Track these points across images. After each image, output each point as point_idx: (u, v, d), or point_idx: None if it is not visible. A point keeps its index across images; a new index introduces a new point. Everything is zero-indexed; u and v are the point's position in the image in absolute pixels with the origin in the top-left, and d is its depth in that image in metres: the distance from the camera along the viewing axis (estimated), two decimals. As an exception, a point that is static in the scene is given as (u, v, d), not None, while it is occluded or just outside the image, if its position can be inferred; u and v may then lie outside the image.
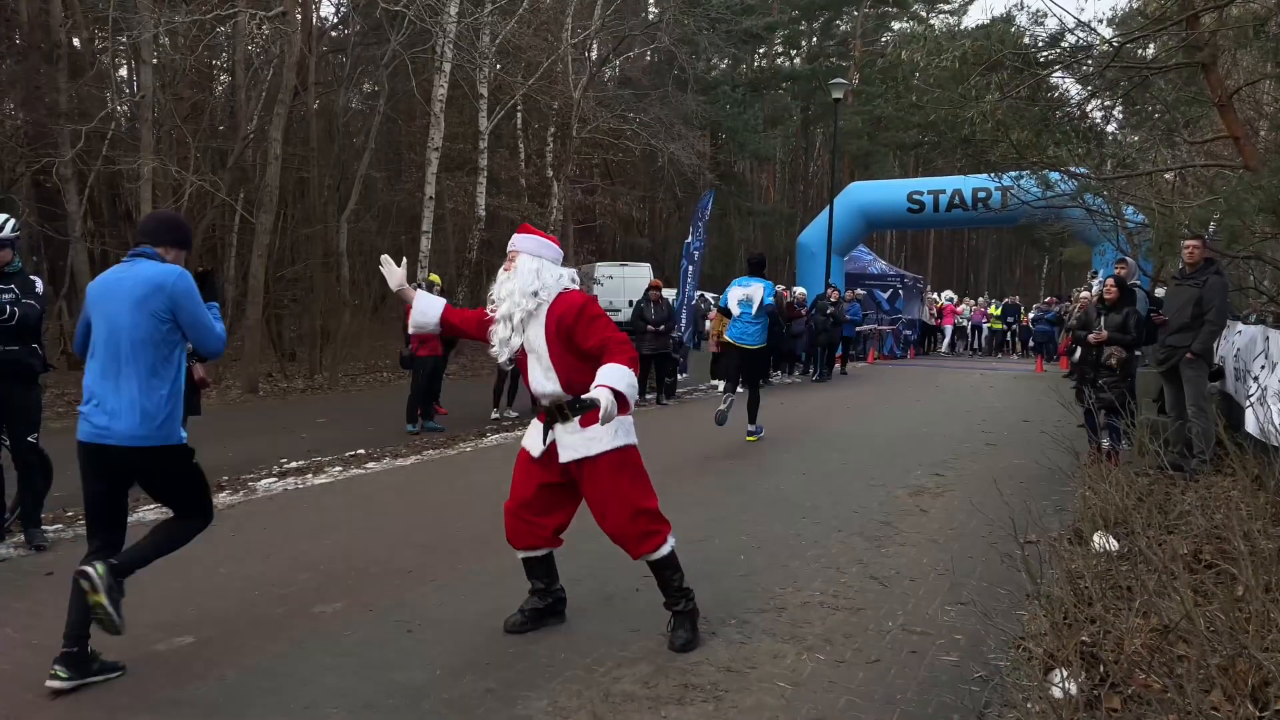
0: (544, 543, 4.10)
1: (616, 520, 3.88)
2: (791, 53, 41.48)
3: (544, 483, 4.01)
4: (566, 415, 3.89)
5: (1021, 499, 5.89)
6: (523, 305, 3.91)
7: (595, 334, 3.81)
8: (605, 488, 3.88)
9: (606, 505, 3.89)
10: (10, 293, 5.27)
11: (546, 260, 4.03)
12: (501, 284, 4.00)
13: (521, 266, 3.96)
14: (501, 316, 3.96)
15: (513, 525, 4.10)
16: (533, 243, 4.06)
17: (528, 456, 4.10)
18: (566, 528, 4.13)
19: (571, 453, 3.90)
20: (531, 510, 4.03)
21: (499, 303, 3.98)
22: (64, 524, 5.93)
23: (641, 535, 3.88)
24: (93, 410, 3.52)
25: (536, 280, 3.93)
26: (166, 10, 14.66)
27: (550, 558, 4.19)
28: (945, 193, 22.71)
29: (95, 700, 3.38)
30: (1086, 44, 9.62)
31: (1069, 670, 3.34)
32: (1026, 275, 59.47)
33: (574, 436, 3.89)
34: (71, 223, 15.23)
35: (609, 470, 3.87)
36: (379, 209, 22.02)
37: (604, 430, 3.81)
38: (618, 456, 3.89)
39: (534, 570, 4.18)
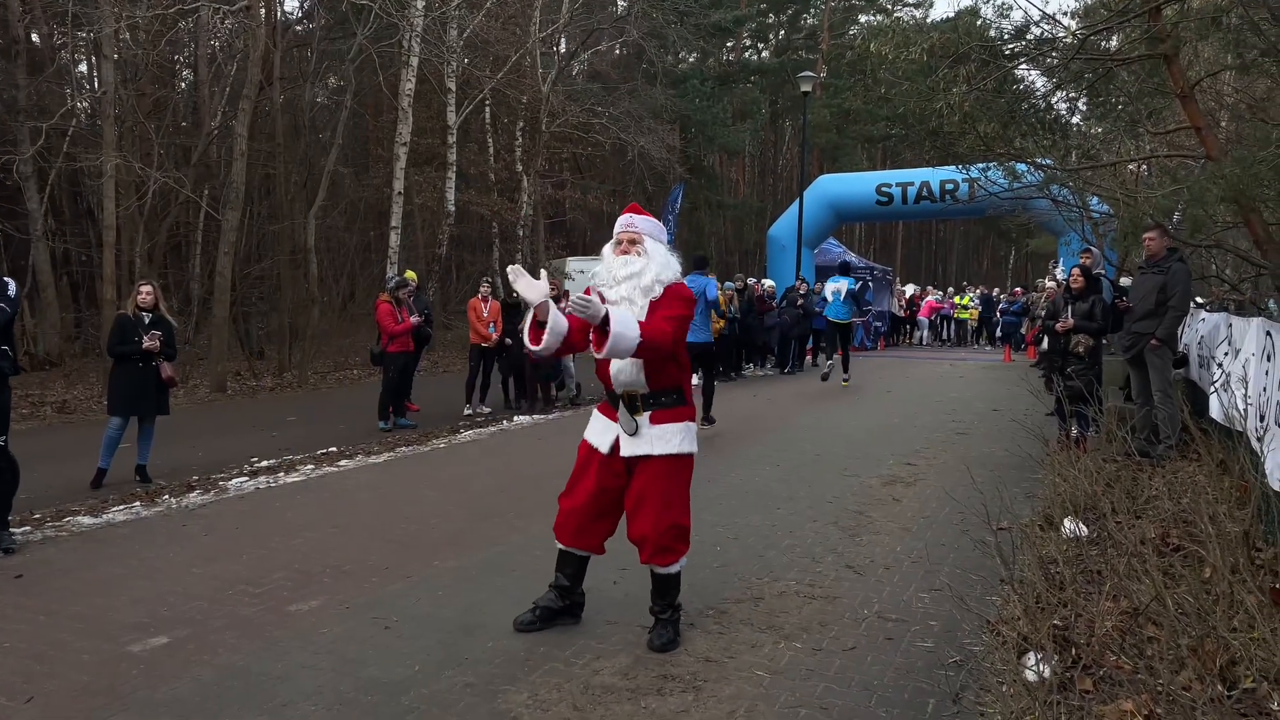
0: (591, 548, 4.04)
1: (646, 522, 3.80)
2: (760, 46, 41.57)
3: (603, 486, 3.91)
4: (638, 408, 3.83)
5: (993, 486, 5.97)
6: (653, 290, 3.80)
7: (665, 309, 3.73)
8: (652, 487, 3.80)
9: (644, 505, 3.81)
10: None
11: (666, 247, 3.96)
12: (622, 265, 3.85)
13: (653, 249, 3.86)
14: (621, 299, 3.79)
15: (566, 521, 4.00)
16: (655, 226, 3.98)
17: (591, 452, 3.99)
18: (612, 534, 4.06)
19: (635, 448, 3.83)
20: (587, 514, 3.95)
21: (616, 284, 3.83)
22: (31, 526, 5.84)
23: (664, 547, 3.82)
24: None
25: (667, 270, 3.86)
26: (128, 5, 14.42)
27: (587, 560, 4.12)
28: (913, 185, 22.85)
29: (71, 702, 3.34)
30: (1051, 36, 9.72)
31: (1042, 653, 3.39)
32: (994, 267, 60.08)
33: (644, 431, 3.83)
34: (32, 221, 14.99)
35: (663, 473, 3.81)
36: (347, 205, 21.83)
37: (674, 431, 3.80)
38: (677, 463, 3.85)
39: (567, 565, 4.09)
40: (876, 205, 23.68)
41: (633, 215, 4.00)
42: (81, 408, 11.81)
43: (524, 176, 21.61)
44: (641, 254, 3.86)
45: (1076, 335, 7.95)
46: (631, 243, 3.91)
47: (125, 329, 7.30)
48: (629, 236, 3.92)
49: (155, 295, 7.48)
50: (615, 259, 3.91)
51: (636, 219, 3.97)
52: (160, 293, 7.66)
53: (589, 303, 3.45)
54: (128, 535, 5.69)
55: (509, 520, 6.01)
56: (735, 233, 37.96)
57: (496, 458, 8.44)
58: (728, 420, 10.44)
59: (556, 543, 4.09)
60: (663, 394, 3.86)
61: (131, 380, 7.25)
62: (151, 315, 7.39)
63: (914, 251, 53.69)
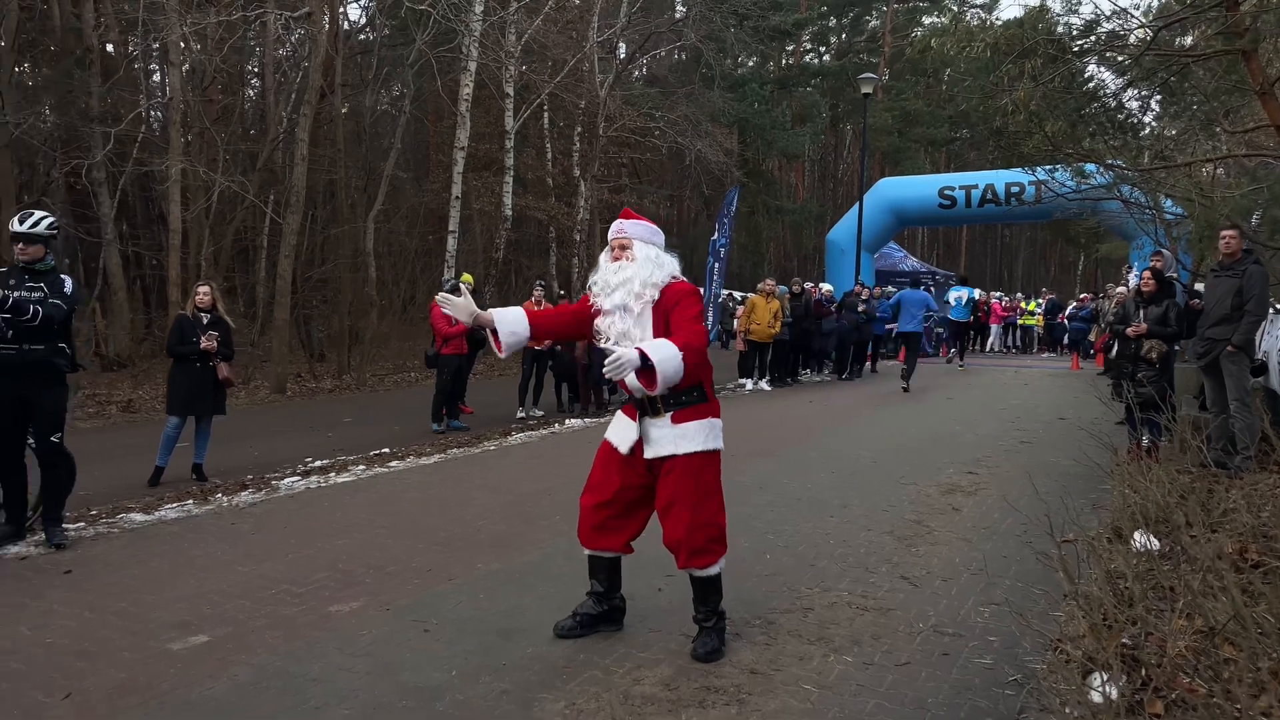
0: (616, 548, 3.93)
1: (679, 525, 3.70)
2: (820, 49, 41.18)
3: (626, 484, 3.83)
4: (659, 409, 3.74)
5: (1058, 496, 5.71)
6: (645, 295, 3.72)
7: (681, 312, 3.66)
8: (681, 489, 3.70)
9: (675, 507, 3.71)
10: (39, 291, 5.27)
11: (659, 247, 3.88)
12: (614, 272, 3.79)
13: (640, 254, 3.79)
14: (615, 307, 3.74)
15: (587, 523, 3.91)
16: (645, 229, 3.90)
17: (611, 451, 3.92)
18: (639, 535, 3.95)
19: (659, 449, 3.74)
20: (610, 512, 3.85)
21: (609, 292, 3.77)
22: (86, 522, 5.92)
23: (698, 549, 3.71)
24: None
25: (659, 270, 3.77)
26: (195, 12, 14.77)
27: (618, 562, 4.03)
28: (978, 188, 22.37)
29: (108, 701, 3.33)
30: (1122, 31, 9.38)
31: (1109, 674, 3.18)
32: (1062, 272, 58.67)
33: (664, 432, 3.74)
34: (104, 225, 15.40)
35: (690, 472, 3.71)
36: (406, 209, 22.09)
37: (696, 429, 3.71)
38: (703, 460, 3.74)
39: (598, 570, 4.00)
40: (939, 209, 23.25)
41: (622, 221, 3.92)
42: (145, 407, 12.07)
43: (581, 181, 21.63)
44: (632, 259, 3.79)
45: (1149, 341, 7.62)
46: (622, 248, 3.84)
47: (184, 329, 7.40)
48: (619, 242, 3.86)
49: (213, 296, 7.59)
50: (609, 266, 3.84)
51: (626, 224, 3.90)
52: (218, 294, 7.76)
53: (620, 358, 3.40)
54: (178, 533, 5.73)
55: (555, 524, 5.93)
56: (793, 237, 37.61)
57: (546, 461, 8.38)
58: (781, 425, 10.26)
59: (583, 548, 3.99)
60: (683, 393, 3.75)
61: (189, 380, 7.35)
62: (210, 316, 7.49)
63: (978, 257, 52.67)
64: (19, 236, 5.32)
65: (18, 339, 5.23)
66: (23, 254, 5.32)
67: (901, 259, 26.73)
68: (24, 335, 5.22)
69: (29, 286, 5.27)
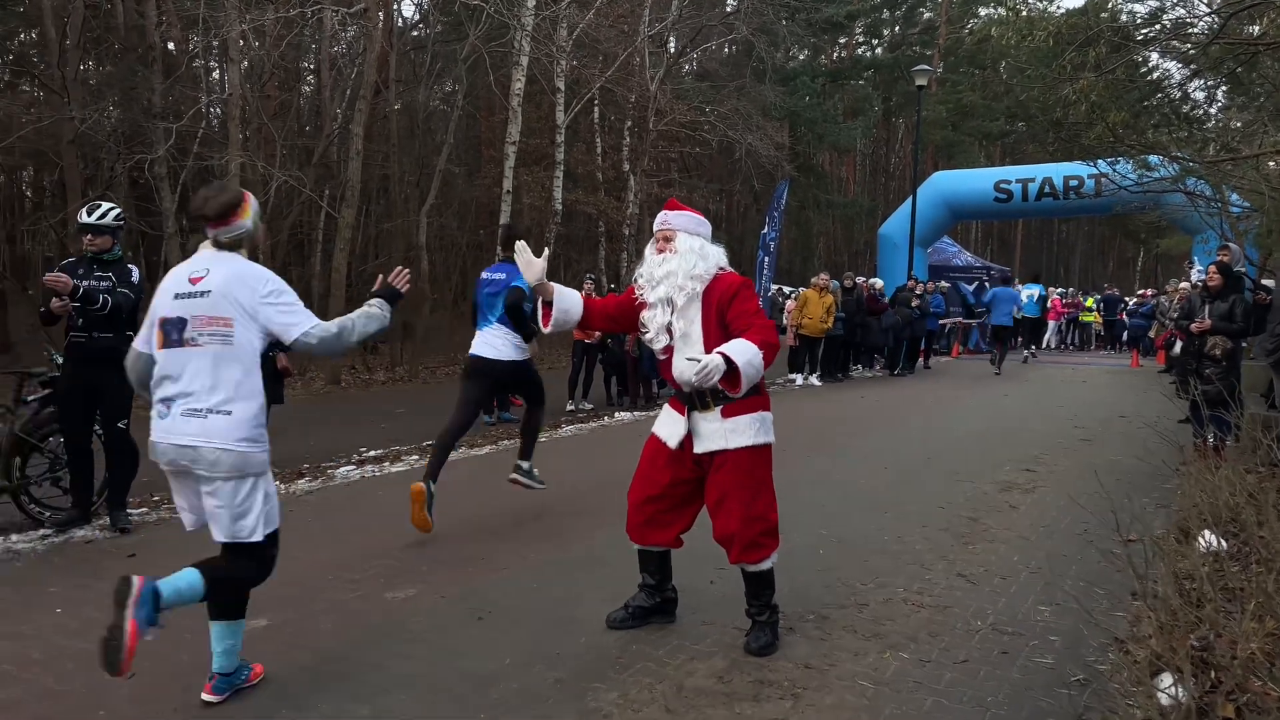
0: (666, 542, 3.90)
1: (731, 519, 3.65)
2: (873, 42, 40.68)
3: (675, 479, 3.79)
4: (708, 404, 3.69)
5: (1120, 495, 5.58)
6: (687, 288, 3.68)
7: (741, 306, 3.62)
8: (731, 483, 3.66)
9: (726, 502, 3.67)
10: (107, 280, 5.41)
11: (705, 239, 3.84)
12: (657, 265, 3.76)
13: (683, 246, 3.74)
14: (659, 300, 3.71)
15: (636, 518, 3.88)
16: (690, 220, 3.85)
17: (659, 446, 3.87)
18: (689, 529, 3.91)
19: (709, 443, 3.69)
20: (658, 507, 3.82)
21: (654, 285, 3.74)
22: (149, 508, 6.06)
23: (750, 543, 3.66)
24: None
25: (702, 261, 3.72)
26: (254, 9, 15.02)
27: (667, 555, 4.01)
28: (1035, 181, 21.93)
29: (172, 681, 3.40)
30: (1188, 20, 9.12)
31: (1178, 675, 3.09)
32: (1120, 268, 57.36)
33: (713, 425, 3.68)
34: (165, 218, 15.73)
35: (741, 467, 3.66)
36: (458, 203, 22.25)
37: (746, 423, 3.66)
38: (753, 455, 3.68)
39: (648, 564, 3.99)
40: (994, 203, 22.84)
41: (667, 212, 3.87)
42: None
43: (631, 175, 21.62)
44: (676, 251, 3.75)
45: (1214, 337, 7.41)
46: (666, 240, 3.80)
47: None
48: (664, 234, 3.82)
49: (271, 288, 7.70)
50: (653, 259, 3.81)
51: (670, 215, 3.85)
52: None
53: (707, 365, 3.36)
54: (238, 519, 5.84)
55: (605, 516, 5.93)
56: (844, 232, 37.25)
57: (596, 453, 8.40)
58: (833, 421, 10.16)
59: (631, 542, 3.97)
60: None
61: (248, 370, 7.47)
62: (268, 307, 7.60)
63: (1034, 252, 51.69)
64: (87, 227, 5.45)
65: (87, 327, 5.37)
66: (91, 244, 5.46)
67: (955, 254, 26.33)
68: (93, 323, 5.36)
69: (98, 276, 5.41)
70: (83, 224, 5.49)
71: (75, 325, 5.40)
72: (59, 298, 5.21)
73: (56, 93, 14.86)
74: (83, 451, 5.56)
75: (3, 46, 19.32)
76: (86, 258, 5.50)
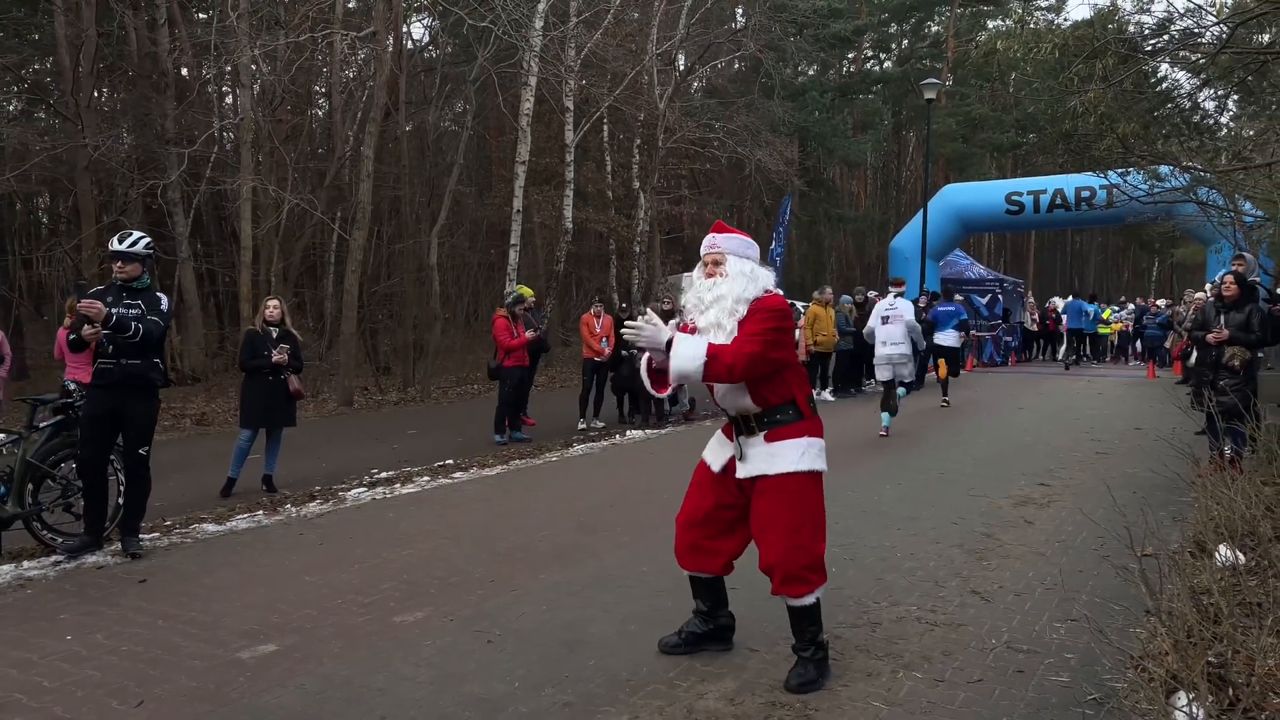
0: (713, 569, 3.81)
1: (773, 549, 3.53)
2: (881, 56, 40.70)
3: (720, 504, 3.73)
4: (753, 428, 3.64)
5: (1136, 509, 5.51)
6: (738, 312, 3.59)
7: (748, 326, 3.54)
8: (773, 510, 3.55)
9: (768, 530, 3.56)
10: (137, 308, 5.44)
11: (754, 261, 3.77)
12: (707, 289, 3.67)
13: (734, 269, 3.66)
14: (710, 325, 3.62)
15: (683, 543, 3.81)
16: (739, 243, 3.78)
17: (705, 470, 3.83)
18: (740, 555, 3.82)
19: (751, 468, 3.62)
20: (704, 532, 3.74)
21: (703, 309, 3.66)
22: (160, 532, 6.07)
23: (792, 576, 3.52)
24: None
25: (752, 285, 3.64)
26: (265, 35, 15.18)
27: (720, 581, 3.92)
28: (1046, 193, 21.87)
29: (179, 708, 3.39)
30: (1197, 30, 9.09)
31: (1195, 693, 3.04)
32: (1135, 279, 57.05)
33: (757, 450, 3.61)
34: (178, 243, 15.87)
35: (784, 493, 3.55)
36: (468, 224, 22.37)
37: (789, 448, 3.58)
38: (798, 481, 3.57)
39: (699, 591, 3.92)
40: (1006, 215, 22.78)
41: (715, 235, 3.79)
42: (218, 420, 12.38)
43: (641, 193, 21.67)
44: (726, 274, 3.67)
45: (1231, 347, 7.34)
46: (715, 264, 3.72)
47: (255, 343, 7.57)
48: (713, 257, 3.73)
49: (282, 310, 7.75)
50: (702, 282, 3.73)
51: (719, 238, 3.77)
52: (286, 308, 7.93)
53: (643, 329, 3.39)
54: (248, 543, 5.85)
55: (617, 535, 5.90)
56: (856, 246, 37.17)
57: (607, 472, 8.37)
58: (845, 436, 10.10)
59: (681, 568, 3.91)
60: (776, 411, 3.62)
61: (261, 393, 7.51)
62: (278, 329, 7.64)
63: (1047, 264, 51.50)
64: (118, 255, 5.50)
65: (116, 354, 5.40)
66: (121, 271, 5.50)
67: (968, 266, 26.21)
68: (122, 350, 5.40)
69: (127, 304, 5.45)
70: (114, 251, 5.53)
71: (104, 352, 5.44)
72: (91, 325, 5.24)
73: (70, 120, 15.05)
74: (99, 477, 5.58)
75: (18, 75, 19.57)
76: (115, 285, 5.54)
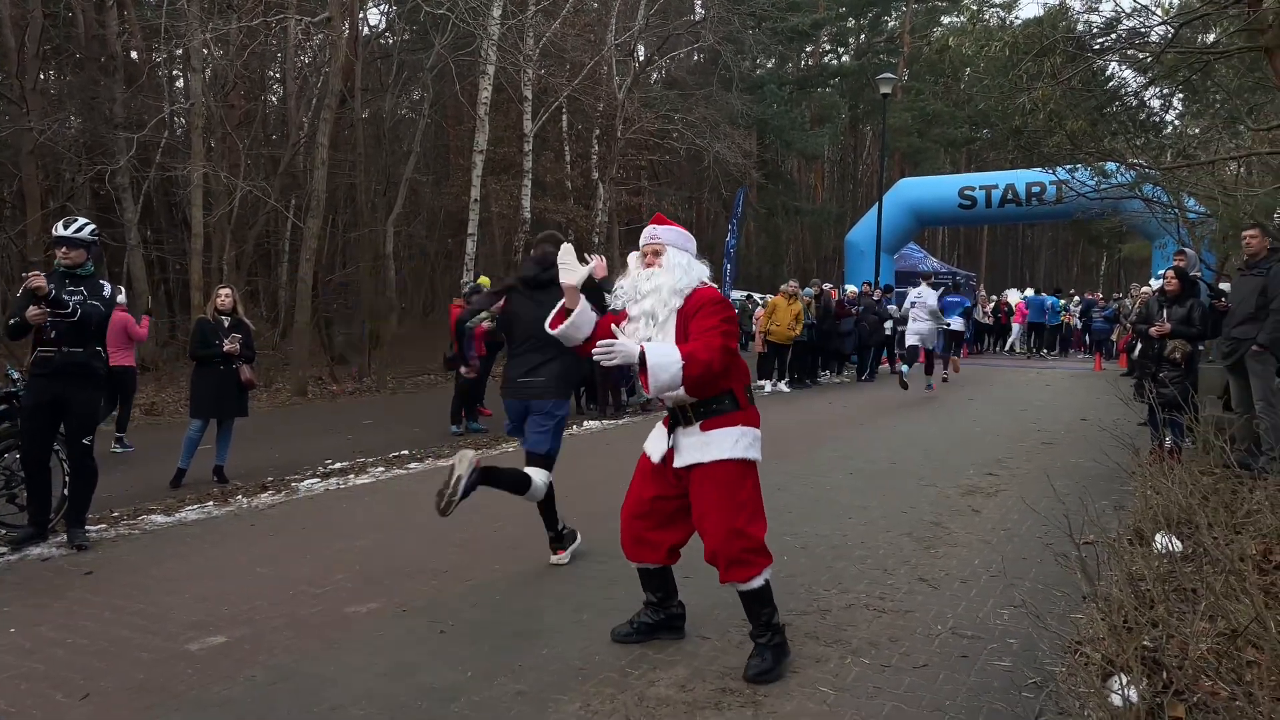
0: (657, 559, 3.84)
1: (713, 537, 3.57)
2: (839, 50, 41.03)
3: (659, 495, 3.76)
4: (689, 418, 3.66)
5: (1078, 498, 5.66)
6: (670, 303, 3.64)
7: (701, 321, 3.56)
8: (710, 498, 3.58)
9: (707, 518, 3.59)
10: (79, 294, 5.35)
11: (691, 254, 3.80)
12: (644, 279, 3.71)
13: (671, 261, 3.71)
14: (643, 314, 3.66)
15: (627, 535, 3.85)
16: (678, 235, 3.82)
17: (647, 461, 3.85)
18: (684, 544, 3.85)
19: (686, 457, 3.64)
20: (645, 524, 3.78)
21: (639, 298, 3.70)
22: (107, 524, 5.98)
23: (734, 560, 3.56)
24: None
25: (687, 276, 3.69)
26: (217, 18, 14.91)
27: (667, 572, 3.94)
28: (998, 188, 22.25)
29: (126, 701, 3.36)
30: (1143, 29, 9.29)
31: (1129, 676, 3.15)
32: (1084, 273, 58.17)
33: (692, 439, 3.64)
34: (127, 230, 15.55)
35: (719, 480, 3.58)
36: (425, 213, 22.19)
37: (723, 437, 3.60)
38: (732, 468, 3.59)
39: (648, 582, 3.94)
40: (959, 209, 23.13)
41: (655, 226, 3.84)
42: (169, 410, 12.18)
43: (600, 184, 21.64)
44: (663, 265, 3.71)
45: (1172, 341, 7.54)
46: (655, 254, 3.76)
47: (205, 333, 7.47)
48: (652, 248, 3.78)
49: (233, 299, 7.65)
50: (640, 272, 3.78)
51: (659, 229, 3.81)
52: (238, 296, 7.83)
53: (614, 346, 3.40)
54: (198, 534, 5.79)
55: (571, 525, 5.92)
56: (813, 239, 37.48)
57: (563, 463, 8.33)
58: (800, 427, 10.22)
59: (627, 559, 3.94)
60: (712, 401, 3.65)
61: (212, 383, 7.41)
62: (230, 319, 7.55)
63: (999, 258, 52.32)
64: (63, 240, 5.41)
65: (57, 341, 5.31)
66: (65, 257, 5.41)
67: (921, 259, 26.59)
68: (64, 337, 5.31)
69: (70, 290, 5.35)
70: (58, 237, 5.44)
71: (45, 339, 5.34)
72: (36, 304, 5.14)
73: (15, 103, 14.66)
74: (42, 467, 5.49)
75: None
76: (59, 271, 5.44)
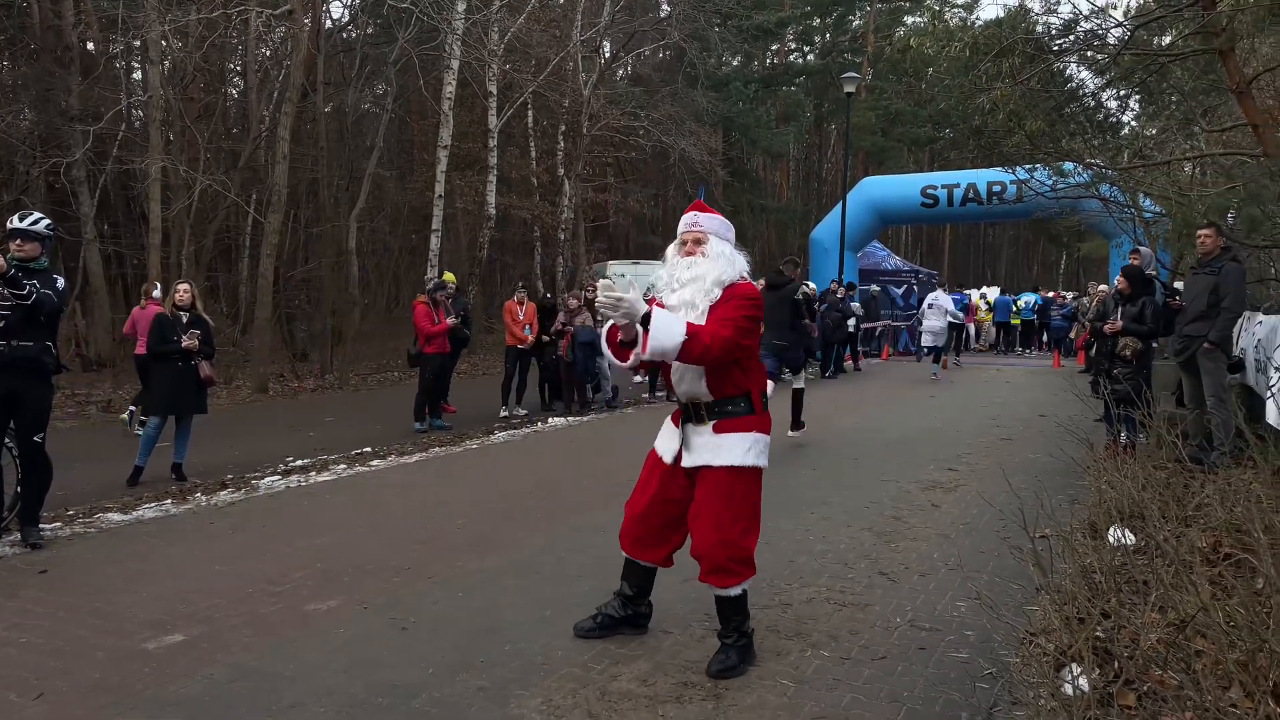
0: (656, 560, 3.81)
1: (703, 538, 3.53)
2: (804, 48, 41.23)
3: (665, 497, 3.70)
4: (703, 416, 3.62)
5: (1035, 492, 5.75)
6: (711, 294, 3.53)
7: (724, 309, 3.48)
8: (711, 501, 3.54)
9: (702, 518, 3.55)
10: (32, 286, 5.26)
11: (732, 244, 3.71)
12: (685, 267, 3.61)
13: (715, 250, 3.60)
14: (682, 303, 3.55)
15: (628, 532, 3.81)
16: (720, 224, 3.72)
17: (656, 460, 3.79)
18: (679, 549, 3.81)
19: (696, 458, 3.60)
20: (649, 525, 3.74)
21: (678, 287, 3.59)
22: (62, 522, 5.88)
23: (719, 567, 3.52)
24: None
25: (731, 268, 3.58)
26: (175, 9, 14.68)
27: (653, 571, 3.90)
28: (960, 187, 22.46)
29: (81, 700, 3.31)
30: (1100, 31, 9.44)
31: (1081, 666, 3.21)
32: (1044, 271, 58.97)
33: (703, 440, 3.60)
34: (84, 224, 15.27)
35: (722, 485, 3.54)
36: (389, 208, 22.01)
37: (735, 441, 3.56)
38: (737, 476, 3.55)
39: (631, 574, 3.89)
40: (922, 208, 23.34)
41: (697, 213, 3.72)
42: (125, 407, 11.97)
43: (565, 180, 21.61)
44: (706, 255, 3.61)
45: (1124, 338, 7.69)
46: (696, 243, 3.64)
47: (164, 328, 7.35)
48: (694, 236, 3.65)
49: (192, 294, 7.54)
50: (679, 260, 3.67)
51: (701, 217, 3.70)
52: (197, 292, 7.72)
53: (621, 299, 3.29)
54: (155, 532, 5.71)
55: (535, 522, 5.93)
56: (778, 236, 37.66)
57: (528, 460, 8.37)
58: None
59: (621, 550, 3.91)
60: (728, 402, 3.60)
61: (170, 379, 7.30)
62: (189, 314, 7.44)
63: (961, 256, 52.90)
64: (17, 233, 5.32)
65: (6, 334, 5.21)
66: (19, 250, 5.32)
67: (885, 258, 26.80)
68: (14, 331, 5.21)
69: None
70: (12, 229, 5.35)
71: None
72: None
73: (-34, 94, 14.33)
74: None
75: (-92, 45, 18.56)
76: (12, 264, 5.34)
